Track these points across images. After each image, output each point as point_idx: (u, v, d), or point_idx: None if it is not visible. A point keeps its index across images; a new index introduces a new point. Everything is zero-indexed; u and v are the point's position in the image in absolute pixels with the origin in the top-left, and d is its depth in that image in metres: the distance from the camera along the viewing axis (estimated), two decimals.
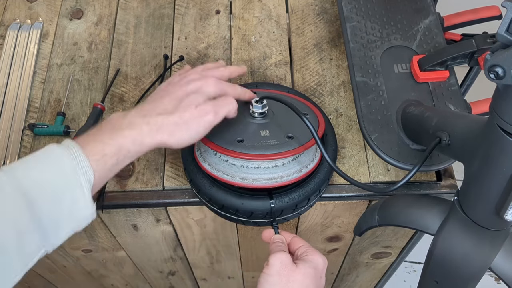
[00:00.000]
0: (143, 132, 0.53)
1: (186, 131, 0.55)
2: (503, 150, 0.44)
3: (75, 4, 0.92)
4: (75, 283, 1.07)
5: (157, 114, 0.55)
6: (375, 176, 0.73)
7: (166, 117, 0.54)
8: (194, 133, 0.55)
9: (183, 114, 0.55)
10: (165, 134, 0.54)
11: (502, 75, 0.39)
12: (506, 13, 0.38)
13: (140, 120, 0.53)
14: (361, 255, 0.96)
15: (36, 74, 0.84)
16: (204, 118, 0.56)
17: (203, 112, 0.56)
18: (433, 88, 0.71)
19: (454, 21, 0.80)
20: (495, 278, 1.53)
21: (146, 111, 0.55)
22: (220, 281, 1.11)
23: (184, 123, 0.55)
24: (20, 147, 0.77)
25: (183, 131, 0.55)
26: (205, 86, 0.58)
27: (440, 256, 0.55)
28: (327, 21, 0.88)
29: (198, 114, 0.55)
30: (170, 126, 0.54)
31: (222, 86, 0.60)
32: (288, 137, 0.62)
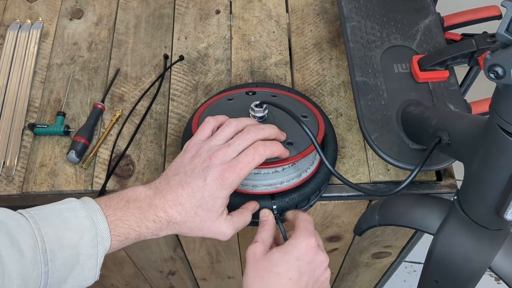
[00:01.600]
0: (163, 227, 0.53)
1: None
2: (503, 150, 0.44)
3: (75, 4, 0.92)
4: None
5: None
6: (375, 176, 0.73)
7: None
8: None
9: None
10: (184, 229, 0.54)
11: (502, 74, 0.39)
12: (506, 13, 0.38)
13: (163, 214, 0.52)
14: (361, 255, 0.96)
15: (36, 74, 0.84)
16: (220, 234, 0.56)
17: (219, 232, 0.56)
18: (433, 88, 0.71)
19: (454, 21, 0.80)
20: (495, 278, 1.53)
21: (171, 198, 0.53)
22: (220, 281, 1.11)
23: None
24: (20, 147, 0.77)
25: (191, 231, 0.55)
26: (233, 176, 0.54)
27: (440, 256, 0.55)
28: (327, 21, 0.88)
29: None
30: (190, 223, 0.54)
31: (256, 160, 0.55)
32: (288, 143, 0.62)
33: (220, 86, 0.81)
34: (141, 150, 0.76)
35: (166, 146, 0.76)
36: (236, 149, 0.54)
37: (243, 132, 0.56)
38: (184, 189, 0.53)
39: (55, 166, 0.75)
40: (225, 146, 0.54)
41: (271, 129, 0.58)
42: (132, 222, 0.51)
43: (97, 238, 0.49)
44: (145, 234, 0.52)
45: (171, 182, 0.53)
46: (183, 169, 0.54)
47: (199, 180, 0.52)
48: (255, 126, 0.57)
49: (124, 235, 0.51)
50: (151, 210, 0.52)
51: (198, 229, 0.54)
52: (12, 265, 0.44)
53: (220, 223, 0.55)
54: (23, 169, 0.75)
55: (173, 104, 0.80)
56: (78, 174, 0.74)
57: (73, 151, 0.73)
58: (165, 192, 0.53)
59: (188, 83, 0.82)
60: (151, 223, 0.52)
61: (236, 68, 0.83)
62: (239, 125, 0.57)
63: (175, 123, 0.78)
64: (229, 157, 0.54)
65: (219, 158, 0.53)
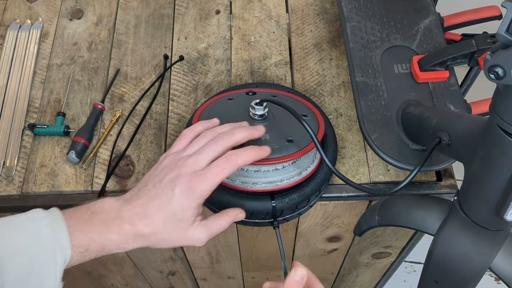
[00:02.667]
0: (129, 240, 0.51)
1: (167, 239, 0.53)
2: (503, 150, 0.44)
3: (75, 4, 0.92)
4: (75, 283, 1.07)
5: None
6: (375, 176, 0.73)
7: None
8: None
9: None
10: (154, 241, 0.52)
11: (502, 75, 0.39)
12: (506, 13, 0.38)
13: (129, 227, 0.51)
14: (361, 255, 0.96)
15: (36, 74, 0.84)
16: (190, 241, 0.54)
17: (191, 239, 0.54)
18: (433, 88, 0.71)
19: (454, 21, 0.80)
20: (495, 278, 1.53)
21: (139, 210, 0.52)
22: (220, 281, 1.11)
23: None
24: (20, 147, 0.77)
25: (162, 243, 0.53)
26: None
27: (440, 256, 0.55)
28: (327, 21, 0.88)
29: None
30: (160, 235, 0.52)
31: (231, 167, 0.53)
32: (288, 140, 0.62)
33: (220, 86, 0.81)
34: (141, 151, 0.76)
35: (166, 146, 0.76)
36: (206, 158, 0.53)
37: (213, 140, 0.54)
38: (153, 201, 0.51)
39: (55, 166, 0.75)
40: (195, 154, 0.53)
41: (243, 133, 0.56)
42: (94, 234, 0.50)
43: (55, 247, 0.47)
44: (109, 247, 0.51)
45: (140, 194, 0.52)
46: (152, 180, 0.53)
47: (167, 191, 0.51)
48: (226, 133, 0.55)
49: (84, 246, 0.49)
50: (115, 223, 0.50)
51: (170, 240, 0.53)
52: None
53: (193, 231, 0.53)
54: (23, 170, 0.75)
55: (173, 104, 0.80)
56: (78, 175, 0.74)
57: (73, 152, 0.73)
58: (134, 204, 0.52)
59: (188, 83, 0.82)
60: (115, 235, 0.50)
61: (236, 69, 0.83)
62: (214, 136, 0.56)
63: (175, 123, 0.78)
64: (198, 166, 0.52)
65: (188, 167, 0.52)
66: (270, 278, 1.10)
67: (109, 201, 0.52)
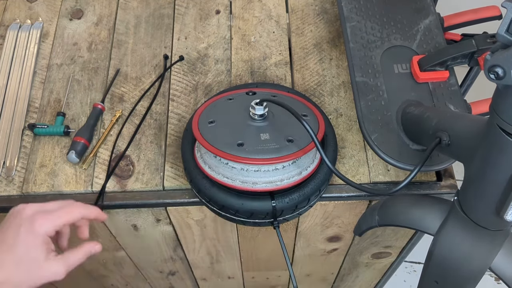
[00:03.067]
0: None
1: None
2: (503, 150, 0.44)
3: (75, 4, 0.92)
4: (75, 283, 1.07)
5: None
6: (375, 176, 0.73)
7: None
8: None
9: None
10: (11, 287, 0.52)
11: (502, 75, 0.39)
12: (506, 13, 0.38)
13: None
14: (361, 255, 0.96)
15: (36, 74, 0.84)
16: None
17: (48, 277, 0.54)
18: (433, 88, 0.71)
19: (454, 21, 0.80)
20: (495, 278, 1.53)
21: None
22: (220, 281, 1.11)
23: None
24: (20, 147, 0.77)
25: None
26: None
27: (440, 256, 0.55)
28: (327, 21, 0.88)
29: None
30: (15, 279, 0.52)
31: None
32: (288, 140, 0.62)
33: (220, 87, 0.81)
34: (141, 151, 0.76)
35: (166, 146, 0.76)
36: (51, 209, 0.56)
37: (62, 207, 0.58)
38: (1, 246, 0.52)
39: (55, 166, 0.75)
40: (41, 204, 0.56)
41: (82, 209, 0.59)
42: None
43: None
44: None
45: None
46: (1, 227, 0.54)
47: (12, 234, 0.53)
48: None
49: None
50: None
51: (27, 281, 0.53)
52: None
53: (49, 266, 0.54)
54: (23, 170, 0.75)
55: (173, 104, 0.80)
56: (78, 175, 0.74)
57: (73, 152, 0.73)
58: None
59: (188, 83, 0.82)
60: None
61: (236, 69, 0.83)
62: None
63: (175, 123, 0.78)
64: (43, 208, 0.55)
65: (32, 208, 0.55)
66: (270, 278, 1.11)
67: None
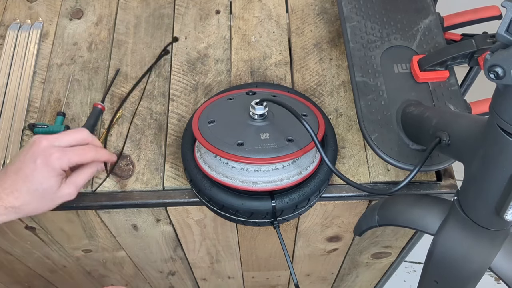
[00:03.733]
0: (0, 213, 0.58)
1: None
2: (503, 150, 0.44)
3: (75, 4, 0.92)
4: (75, 283, 1.07)
5: None
6: (375, 176, 0.73)
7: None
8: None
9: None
10: (28, 211, 0.59)
11: (502, 75, 0.39)
12: (506, 13, 0.38)
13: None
14: (361, 255, 0.96)
15: (36, 74, 0.84)
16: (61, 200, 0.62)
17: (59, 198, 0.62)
18: (433, 88, 0.71)
19: (454, 21, 0.80)
20: (495, 278, 1.53)
21: (7, 186, 0.58)
22: (220, 281, 1.11)
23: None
24: (20, 147, 0.77)
25: (33, 211, 0.60)
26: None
27: (440, 256, 0.55)
28: (327, 21, 0.88)
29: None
30: (32, 204, 0.59)
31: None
32: (288, 140, 0.62)
33: (220, 86, 0.81)
34: (141, 150, 0.76)
35: (166, 146, 0.76)
36: (67, 143, 0.61)
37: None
38: (18, 175, 0.58)
39: None
40: (56, 136, 0.61)
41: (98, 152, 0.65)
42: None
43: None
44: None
45: (7, 171, 0.59)
46: (18, 157, 0.59)
47: (30, 164, 0.58)
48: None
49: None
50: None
51: (42, 207, 0.59)
52: None
53: (61, 191, 0.60)
54: None
55: (173, 104, 0.80)
56: None
57: None
58: (2, 181, 0.58)
59: (188, 83, 0.82)
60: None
61: (236, 68, 0.83)
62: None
63: (175, 123, 0.78)
64: (58, 143, 0.60)
65: (49, 139, 0.59)
66: (270, 278, 1.11)
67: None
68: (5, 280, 1.06)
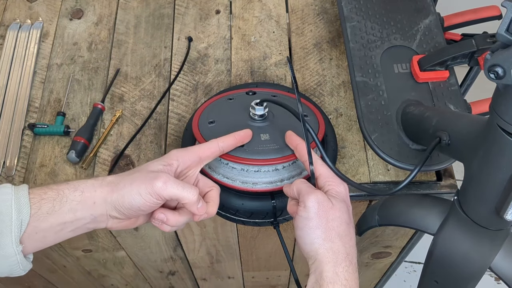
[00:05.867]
0: (88, 182, 0.50)
1: (129, 187, 0.50)
2: (503, 150, 0.44)
3: (75, 4, 0.92)
4: (75, 283, 1.07)
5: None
6: (375, 176, 0.73)
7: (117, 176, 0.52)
8: (135, 192, 0.50)
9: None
10: (110, 187, 0.50)
11: (502, 75, 0.39)
12: (506, 13, 0.38)
13: (92, 179, 0.52)
14: (361, 255, 0.96)
15: (36, 74, 0.84)
16: (153, 182, 0.50)
17: (155, 177, 0.51)
18: (433, 88, 0.71)
19: (454, 21, 0.80)
20: (495, 278, 1.53)
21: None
22: (220, 281, 1.11)
23: (130, 180, 0.51)
24: (20, 147, 0.77)
25: (126, 188, 0.50)
26: None
27: (440, 256, 0.55)
28: (327, 21, 0.88)
29: (150, 177, 0.51)
30: (116, 181, 0.51)
31: None
32: None
33: (220, 86, 0.81)
34: (141, 150, 0.76)
35: (166, 146, 0.76)
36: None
37: None
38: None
39: (55, 166, 0.75)
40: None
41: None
42: (52, 185, 0.49)
43: (12, 202, 0.46)
44: (66, 193, 0.49)
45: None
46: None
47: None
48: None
49: (40, 195, 0.48)
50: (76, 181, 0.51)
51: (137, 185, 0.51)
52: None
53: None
54: (23, 169, 0.75)
55: (173, 104, 0.80)
56: (78, 174, 0.74)
57: (73, 151, 0.73)
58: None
59: (188, 83, 0.82)
60: (74, 181, 0.50)
61: (236, 68, 0.83)
62: None
63: (175, 123, 0.78)
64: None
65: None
66: (270, 278, 1.11)
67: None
68: (5, 280, 1.06)
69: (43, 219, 0.48)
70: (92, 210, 0.50)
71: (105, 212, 0.50)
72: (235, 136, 0.59)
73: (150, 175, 0.50)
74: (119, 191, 0.50)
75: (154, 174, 0.51)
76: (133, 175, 0.51)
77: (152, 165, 0.53)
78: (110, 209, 0.50)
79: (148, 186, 0.49)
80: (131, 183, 0.50)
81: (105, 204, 0.50)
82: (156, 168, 0.52)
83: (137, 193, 0.50)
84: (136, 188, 0.50)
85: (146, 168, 0.52)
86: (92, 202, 0.50)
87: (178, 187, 0.51)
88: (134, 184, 0.50)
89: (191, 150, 0.56)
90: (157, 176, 0.50)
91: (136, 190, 0.50)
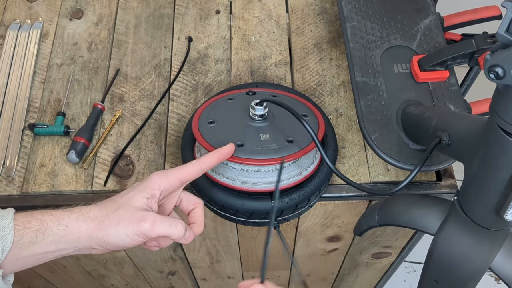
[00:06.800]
0: (72, 216, 0.50)
1: (115, 227, 0.50)
2: (503, 150, 0.44)
3: (75, 4, 0.92)
4: (75, 283, 1.07)
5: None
6: (375, 176, 0.73)
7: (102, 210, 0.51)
8: (122, 233, 0.50)
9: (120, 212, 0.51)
10: (94, 223, 0.50)
11: (502, 75, 0.39)
12: (506, 13, 0.38)
13: (77, 210, 0.51)
14: (361, 255, 0.96)
15: (36, 74, 0.84)
16: (139, 224, 0.50)
17: (141, 218, 0.50)
18: (433, 88, 0.71)
19: (454, 21, 0.80)
20: (495, 278, 1.53)
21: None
22: (220, 281, 1.11)
23: (116, 219, 0.50)
24: (20, 147, 0.77)
25: (112, 227, 0.50)
26: None
27: (440, 256, 0.55)
28: (327, 21, 0.88)
29: (136, 218, 0.50)
30: (101, 217, 0.50)
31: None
32: (288, 140, 0.62)
33: (220, 86, 0.81)
34: (141, 150, 0.76)
35: (166, 146, 0.76)
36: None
37: None
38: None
39: (55, 166, 0.75)
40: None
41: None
42: (37, 215, 0.49)
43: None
44: (50, 225, 0.49)
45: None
46: None
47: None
48: None
49: (24, 223, 0.48)
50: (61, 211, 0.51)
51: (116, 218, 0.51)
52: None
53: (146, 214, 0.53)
54: (23, 169, 0.75)
55: (173, 104, 0.80)
56: (78, 174, 0.74)
57: (73, 151, 0.73)
58: None
59: (188, 83, 0.82)
60: (59, 212, 0.50)
61: (236, 68, 0.83)
62: None
63: (175, 123, 0.78)
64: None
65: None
66: (270, 278, 1.10)
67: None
68: None
69: (25, 248, 0.48)
70: (76, 244, 0.50)
71: (89, 246, 0.51)
72: (218, 153, 0.58)
73: (136, 216, 0.50)
74: (104, 229, 0.50)
75: (140, 215, 0.50)
76: (118, 212, 0.51)
77: (136, 199, 0.52)
78: (94, 244, 0.50)
79: (135, 228, 0.50)
80: (117, 222, 0.50)
81: (90, 240, 0.50)
82: (140, 203, 0.52)
83: (124, 234, 0.50)
84: (123, 229, 0.50)
85: (130, 203, 0.51)
86: (76, 237, 0.50)
87: (166, 226, 0.51)
88: (120, 224, 0.50)
89: (172, 174, 0.55)
90: (143, 218, 0.50)
91: (122, 231, 0.50)
